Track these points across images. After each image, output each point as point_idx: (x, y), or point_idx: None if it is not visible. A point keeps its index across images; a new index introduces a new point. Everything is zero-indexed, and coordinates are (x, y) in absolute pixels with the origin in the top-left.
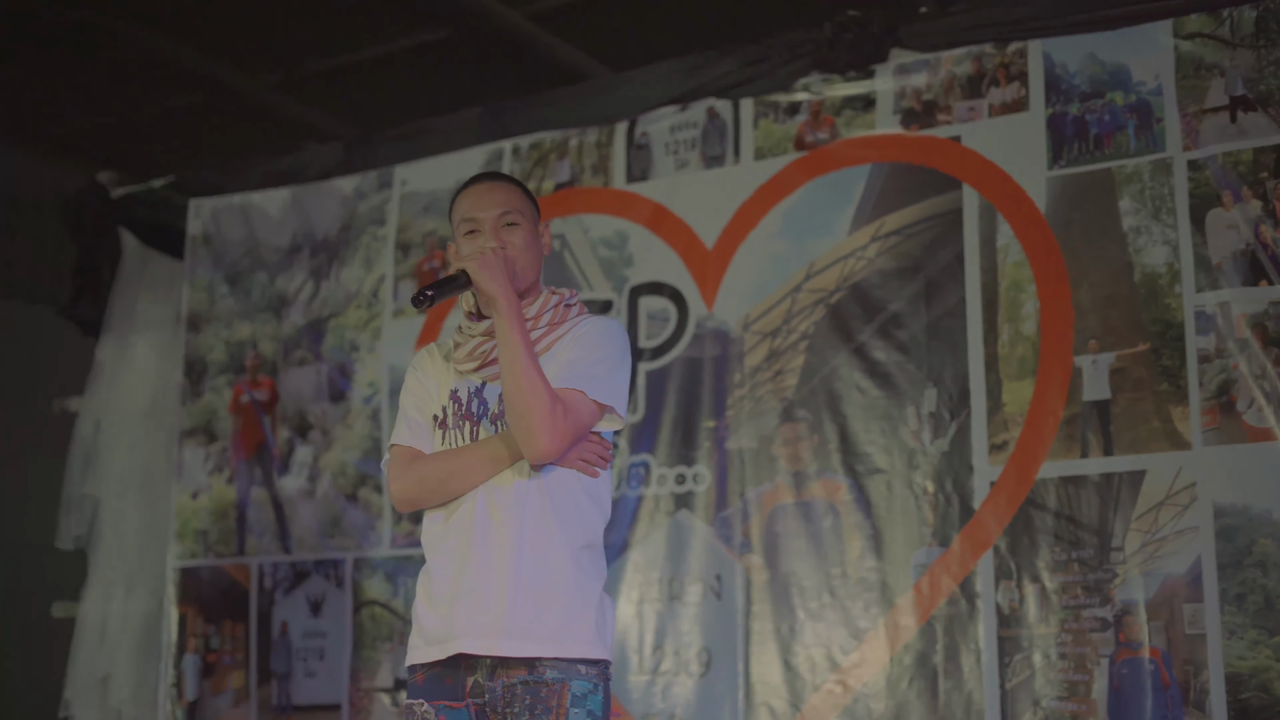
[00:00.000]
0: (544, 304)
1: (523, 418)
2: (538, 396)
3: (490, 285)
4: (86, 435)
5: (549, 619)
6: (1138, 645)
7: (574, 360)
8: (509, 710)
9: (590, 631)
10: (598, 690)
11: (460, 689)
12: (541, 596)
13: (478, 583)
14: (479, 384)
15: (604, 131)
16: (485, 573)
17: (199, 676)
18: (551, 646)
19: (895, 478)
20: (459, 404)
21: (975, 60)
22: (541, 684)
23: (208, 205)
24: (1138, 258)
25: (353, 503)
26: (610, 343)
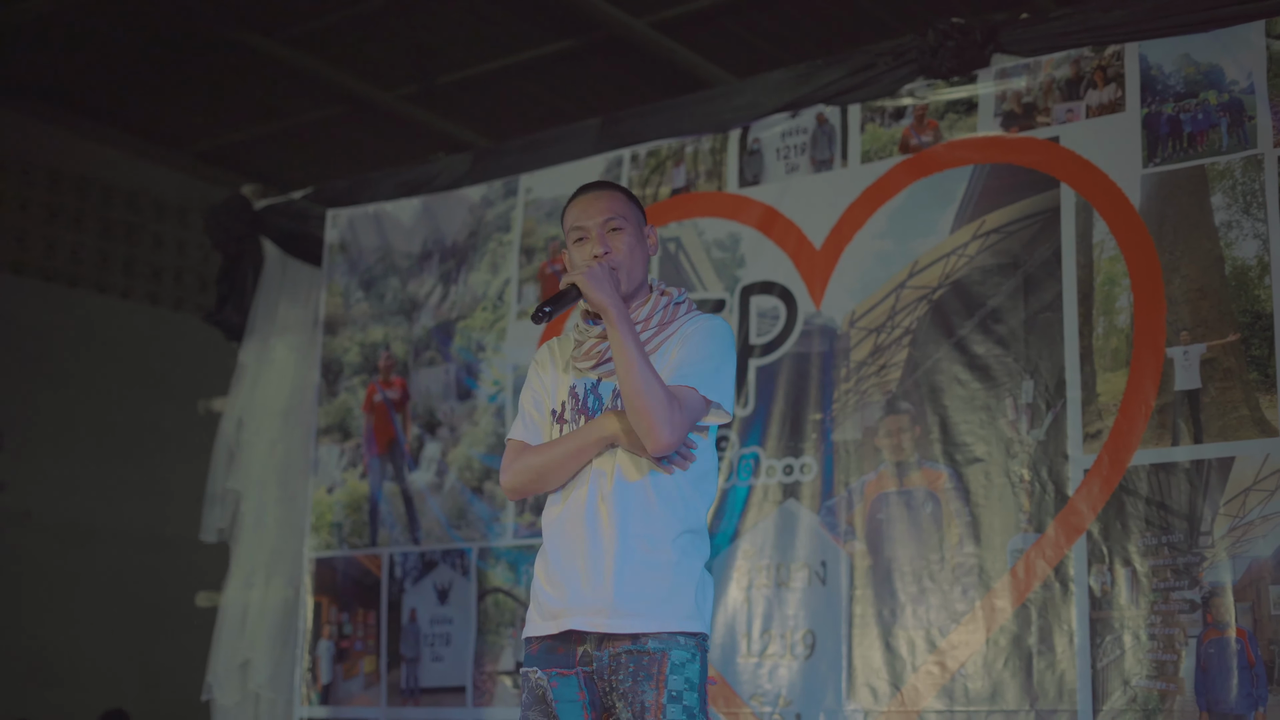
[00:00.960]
0: (654, 306)
1: (643, 415)
2: (655, 395)
3: (598, 297)
4: (229, 433)
5: (651, 597)
6: (1224, 626)
7: (683, 359)
8: (614, 677)
9: (689, 607)
10: (695, 659)
11: (571, 658)
12: (645, 578)
13: (587, 565)
14: (595, 381)
15: (718, 138)
16: (594, 555)
17: (333, 661)
18: (652, 622)
19: (993, 466)
20: (576, 400)
21: (1074, 63)
22: (644, 653)
23: (344, 215)
24: (1229, 251)
25: (478, 495)
26: (716, 341)
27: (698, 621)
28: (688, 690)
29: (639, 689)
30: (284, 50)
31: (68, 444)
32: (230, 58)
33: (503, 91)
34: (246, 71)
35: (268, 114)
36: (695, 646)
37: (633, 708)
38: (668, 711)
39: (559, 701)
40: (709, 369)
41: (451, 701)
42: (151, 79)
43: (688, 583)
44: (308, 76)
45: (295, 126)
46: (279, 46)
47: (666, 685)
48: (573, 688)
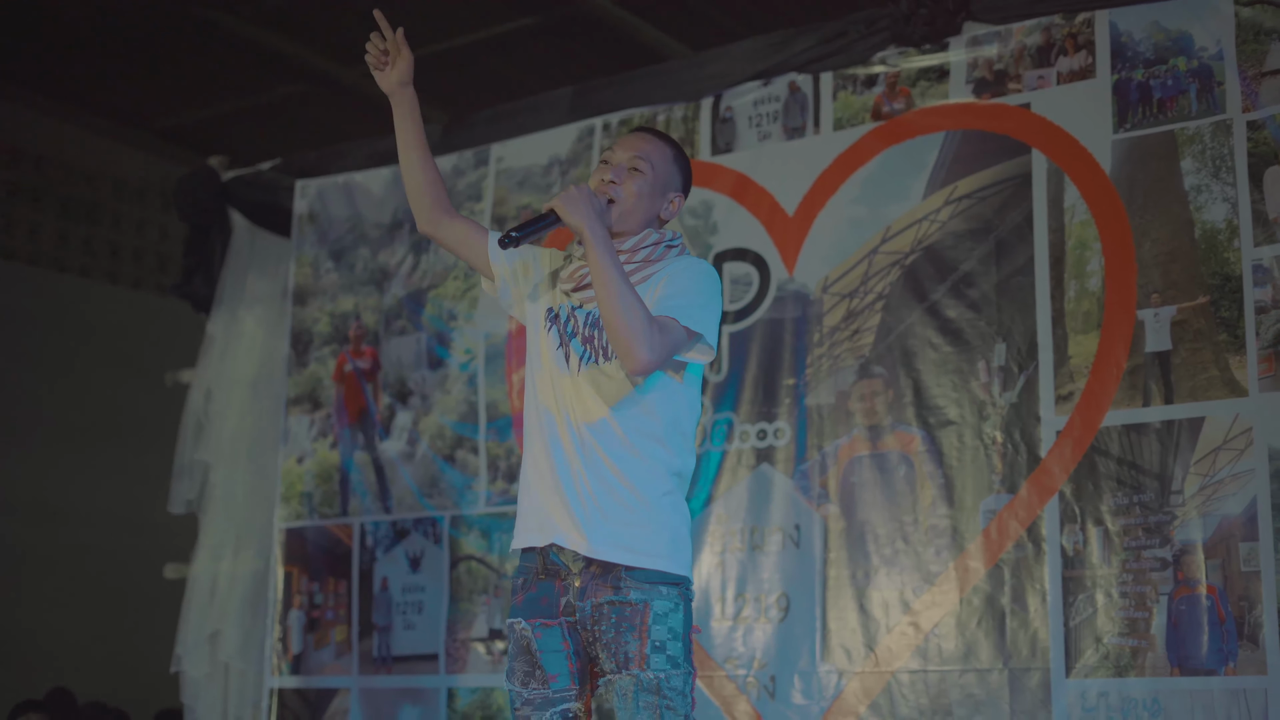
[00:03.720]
0: (640, 241)
1: (620, 332)
2: (634, 313)
3: (573, 218)
4: (198, 405)
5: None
6: (1195, 583)
7: (668, 297)
8: (597, 628)
9: (673, 546)
10: (678, 609)
11: (554, 608)
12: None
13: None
14: (575, 305)
15: (690, 107)
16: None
17: (303, 631)
18: (635, 557)
19: (966, 429)
20: (557, 322)
21: (1045, 31)
22: (626, 604)
23: (313, 185)
24: (1198, 215)
25: (450, 464)
26: (702, 279)
27: (678, 563)
28: (671, 640)
29: (622, 639)
30: (247, 26)
31: (32, 422)
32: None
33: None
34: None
35: (230, 91)
36: (679, 595)
37: (615, 658)
38: (651, 661)
39: (543, 652)
40: (694, 303)
41: (424, 669)
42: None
43: (666, 524)
44: (271, 53)
45: (259, 104)
46: (242, 23)
47: (650, 635)
48: (556, 638)
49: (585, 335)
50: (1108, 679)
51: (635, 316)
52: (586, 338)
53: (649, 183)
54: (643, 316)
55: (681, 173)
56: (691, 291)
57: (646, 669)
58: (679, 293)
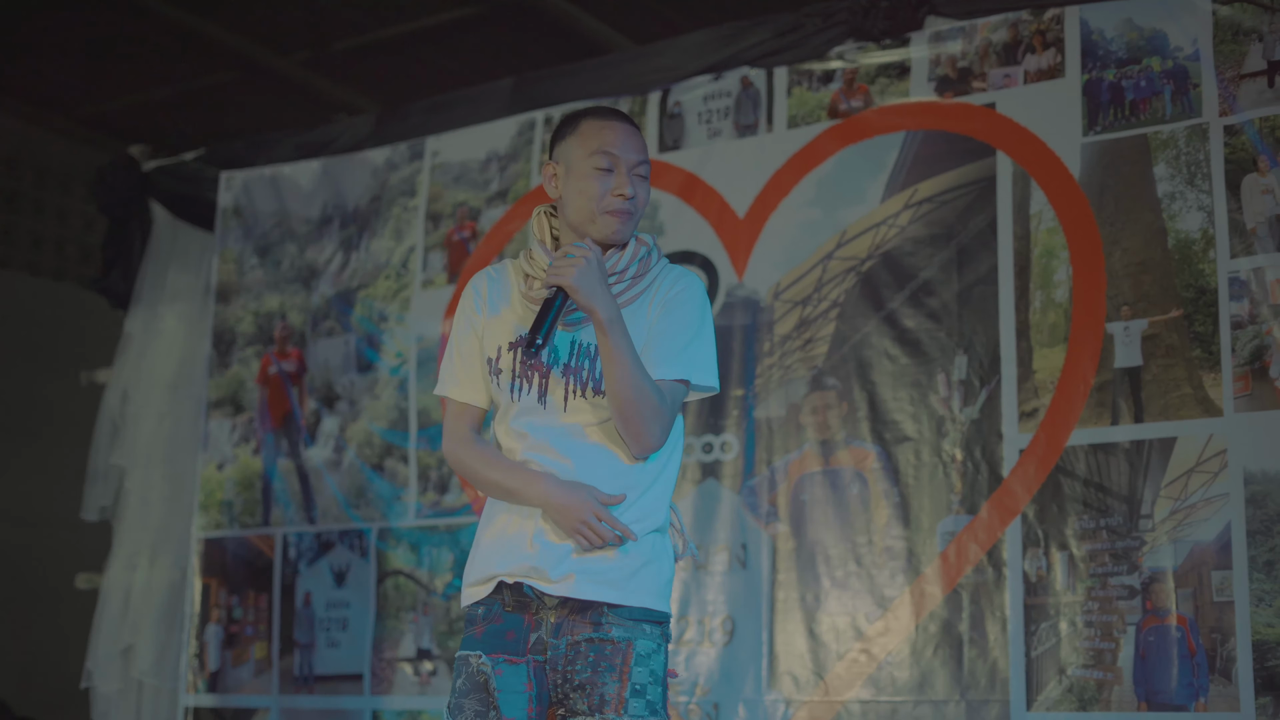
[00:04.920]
0: (632, 256)
1: (633, 422)
2: (648, 403)
3: (590, 301)
4: (114, 406)
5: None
6: (1165, 613)
7: (667, 339)
8: (570, 669)
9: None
10: (660, 650)
11: (521, 644)
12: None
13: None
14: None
15: (636, 101)
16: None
17: (221, 647)
18: (620, 594)
19: (924, 445)
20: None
21: (1011, 27)
22: (607, 642)
23: (239, 177)
24: (1172, 224)
25: (378, 473)
26: (701, 311)
27: (663, 600)
28: (652, 684)
29: (599, 680)
30: (173, 11)
31: None
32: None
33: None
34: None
35: (156, 78)
36: (660, 636)
37: (590, 700)
38: (630, 706)
39: (502, 691)
40: (699, 351)
41: (348, 690)
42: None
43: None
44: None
45: (185, 92)
46: (167, 7)
47: (630, 677)
48: (520, 677)
49: (567, 365)
50: (1071, 713)
51: (649, 406)
52: (572, 369)
53: (648, 186)
54: (654, 404)
55: None
56: (694, 336)
57: (624, 714)
58: (683, 338)
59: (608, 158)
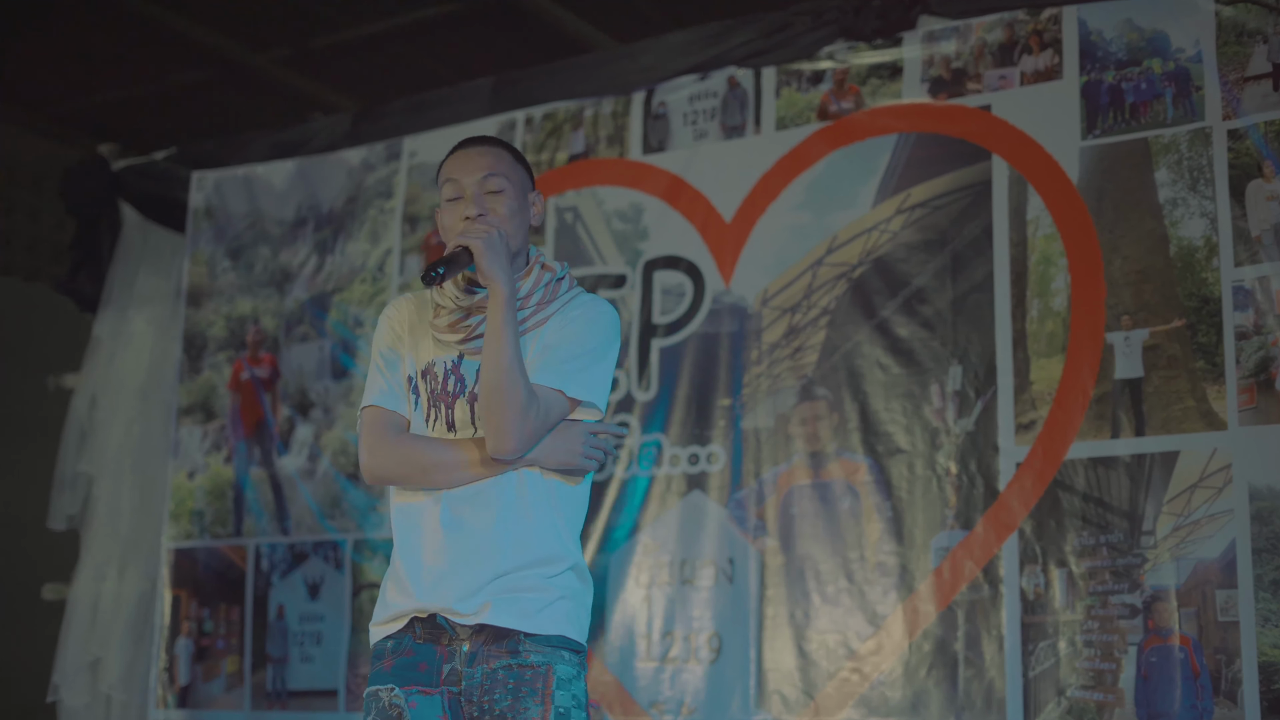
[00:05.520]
0: (536, 281)
1: (496, 415)
2: (515, 397)
3: (493, 270)
4: (82, 412)
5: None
6: (1167, 633)
7: (556, 348)
8: (487, 699)
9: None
10: (580, 676)
11: (434, 676)
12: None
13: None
14: (455, 358)
15: (620, 101)
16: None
17: (192, 661)
18: (535, 623)
19: (917, 458)
20: (434, 380)
21: (1007, 27)
22: (526, 667)
23: (210, 178)
24: (1174, 230)
25: (354, 483)
26: (596, 331)
27: (580, 632)
28: (575, 708)
29: (520, 705)
30: (147, 6)
31: None
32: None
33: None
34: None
35: (131, 76)
36: (579, 663)
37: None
38: None
39: None
40: (582, 365)
41: (322, 706)
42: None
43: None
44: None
45: (160, 90)
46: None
47: (554, 700)
48: (434, 709)
49: (474, 393)
50: None
51: (515, 402)
52: (474, 396)
53: (513, 198)
54: (522, 402)
55: (525, 166)
56: (582, 351)
57: None
58: (570, 351)
59: (452, 186)
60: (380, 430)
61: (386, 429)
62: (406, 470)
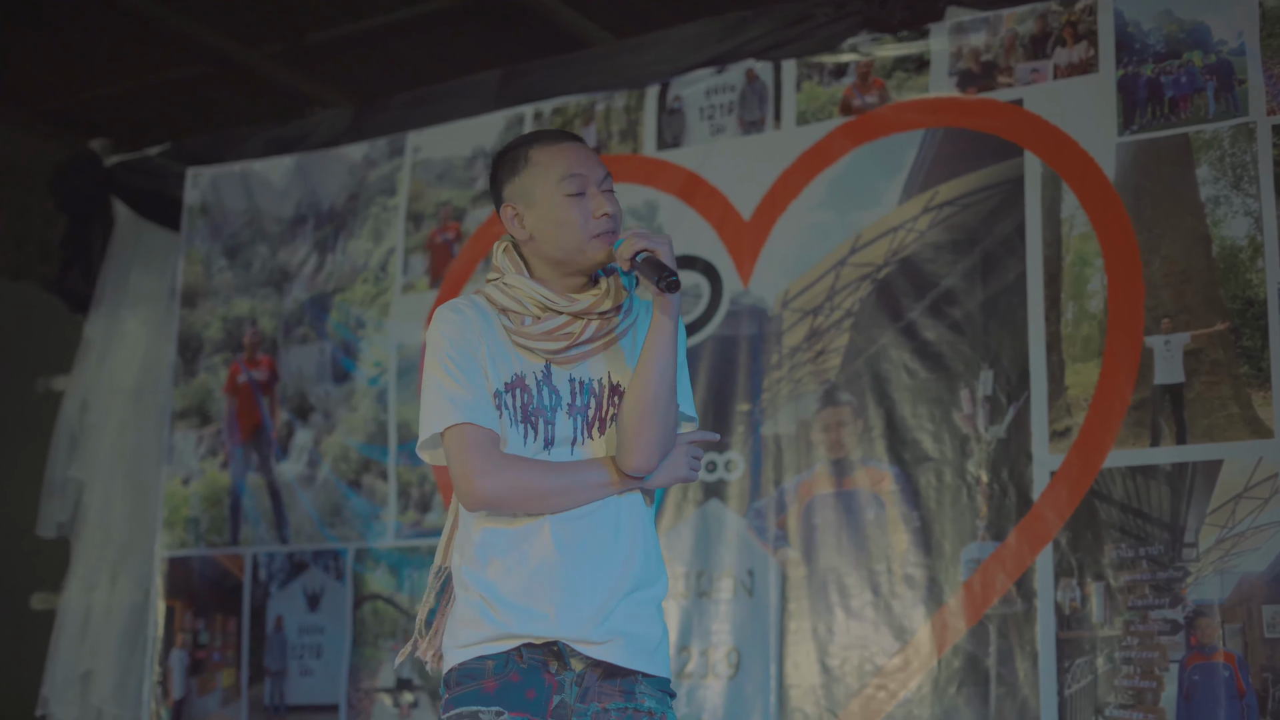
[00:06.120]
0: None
1: (649, 433)
2: (672, 415)
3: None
4: (72, 416)
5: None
6: (1211, 650)
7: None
8: None
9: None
10: None
11: (543, 706)
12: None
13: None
14: (544, 368)
15: (633, 95)
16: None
17: (186, 674)
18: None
19: (946, 466)
20: (526, 394)
21: (1039, 18)
22: (641, 712)
23: (206, 174)
24: (1216, 230)
25: (355, 490)
26: (682, 342)
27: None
28: None
29: None
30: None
31: None
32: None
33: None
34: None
35: (123, 71)
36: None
37: None
38: None
39: None
40: (683, 378)
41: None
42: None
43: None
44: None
45: (153, 85)
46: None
47: None
48: None
49: (571, 404)
50: None
51: (671, 417)
52: (578, 408)
53: None
54: (673, 418)
55: None
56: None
57: None
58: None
59: (576, 181)
60: (483, 450)
61: (489, 448)
62: (520, 495)
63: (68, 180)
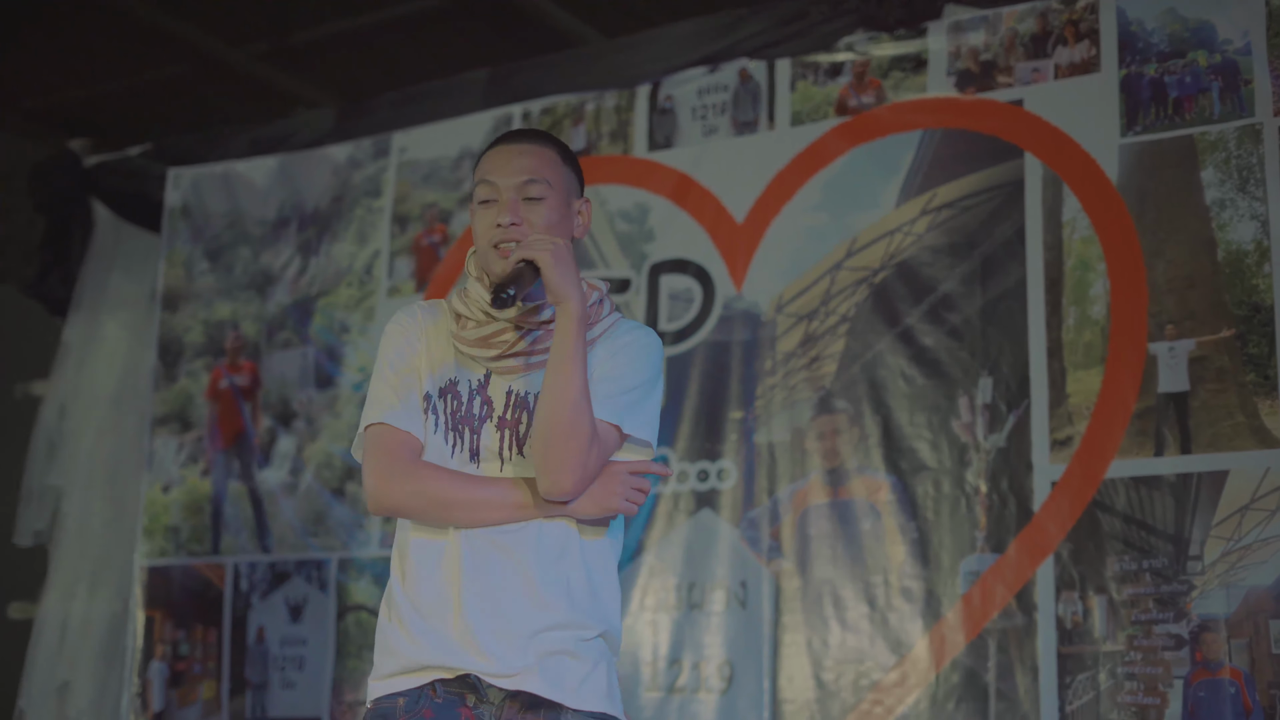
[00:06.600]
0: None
1: (558, 451)
2: (581, 433)
3: (564, 285)
4: (50, 422)
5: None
6: (1216, 666)
7: (610, 381)
8: None
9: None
10: None
11: None
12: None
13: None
14: (482, 376)
15: (624, 95)
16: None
17: (166, 686)
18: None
19: (944, 476)
20: (457, 401)
21: (1040, 16)
22: None
23: (187, 175)
24: (1221, 234)
25: (339, 498)
26: (648, 365)
27: (619, 707)
28: None
29: None
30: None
31: None
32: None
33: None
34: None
35: (105, 70)
36: None
37: None
38: None
39: None
40: (636, 399)
41: None
42: None
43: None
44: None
45: (135, 85)
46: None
47: None
48: None
49: (502, 417)
50: None
51: (583, 434)
52: (504, 421)
53: (555, 207)
54: (588, 438)
55: (575, 171)
56: (635, 385)
57: None
58: (624, 385)
59: (486, 188)
60: (392, 454)
61: (399, 453)
62: (422, 504)
63: (46, 181)
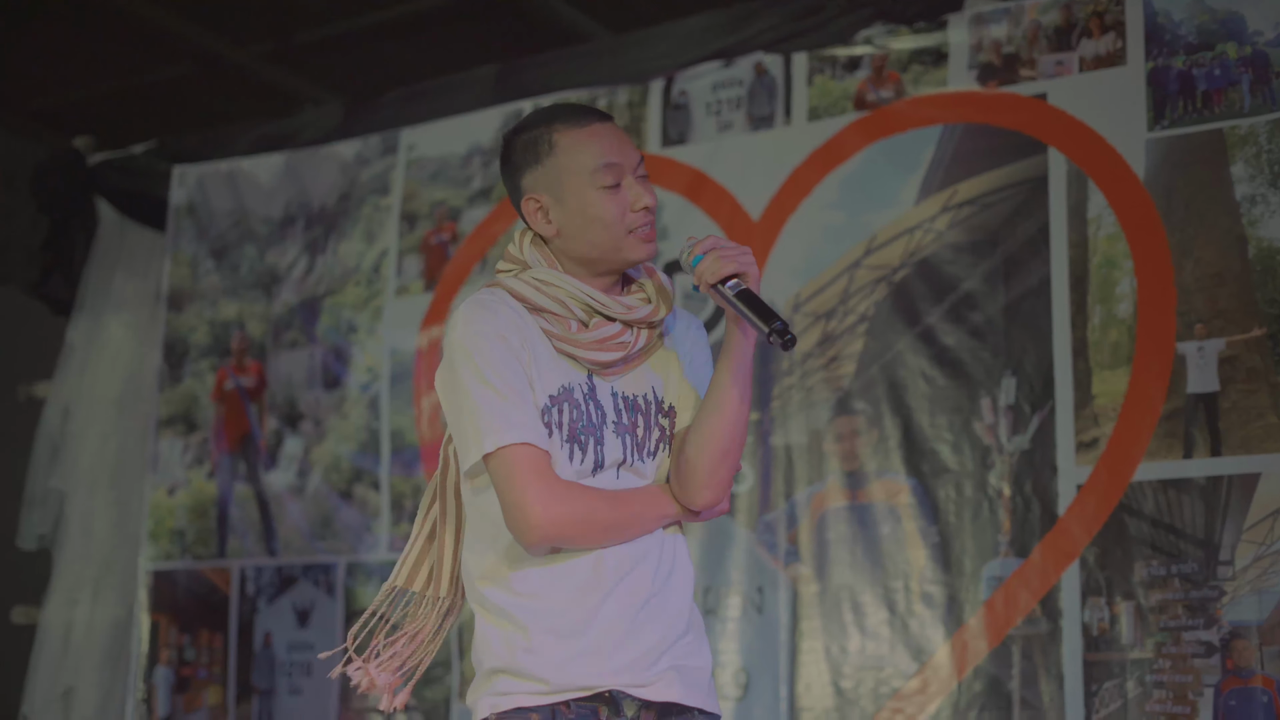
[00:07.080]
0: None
1: (722, 468)
2: (740, 449)
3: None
4: (54, 424)
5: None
6: (1248, 674)
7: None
8: None
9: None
10: None
11: None
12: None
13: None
14: (587, 378)
15: (637, 90)
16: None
17: (171, 691)
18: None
19: (966, 479)
20: (574, 408)
21: (1064, 8)
22: None
23: (193, 173)
24: (1252, 230)
25: (347, 501)
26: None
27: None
28: None
29: None
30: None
31: None
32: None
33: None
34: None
35: (109, 71)
36: None
37: None
38: None
39: None
40: None
41: None
42: None
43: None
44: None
45: (140, 85)
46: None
47: None
48: None
49: (623, 424)
50: None
51: (740, 452)
52: (625, 426)
53: None
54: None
55: None
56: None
57: None
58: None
59: (611, 171)
60: (545, 476)
61: (550, 473)
62: (584, 529)
63: (49, 180)
